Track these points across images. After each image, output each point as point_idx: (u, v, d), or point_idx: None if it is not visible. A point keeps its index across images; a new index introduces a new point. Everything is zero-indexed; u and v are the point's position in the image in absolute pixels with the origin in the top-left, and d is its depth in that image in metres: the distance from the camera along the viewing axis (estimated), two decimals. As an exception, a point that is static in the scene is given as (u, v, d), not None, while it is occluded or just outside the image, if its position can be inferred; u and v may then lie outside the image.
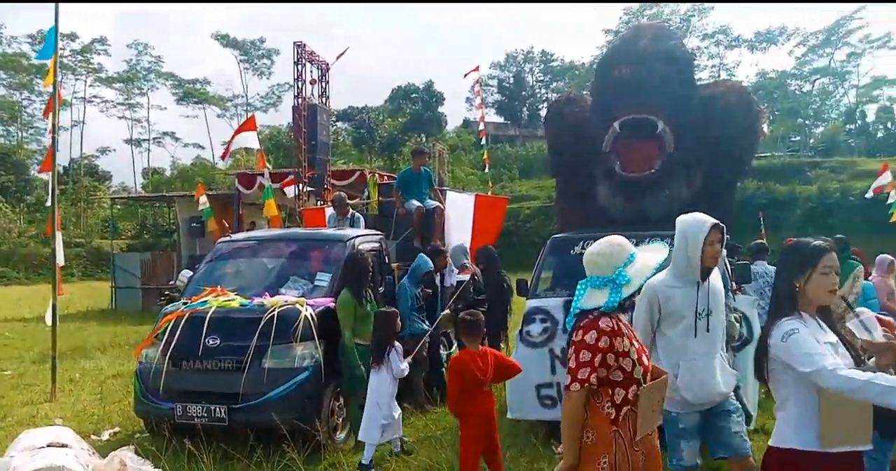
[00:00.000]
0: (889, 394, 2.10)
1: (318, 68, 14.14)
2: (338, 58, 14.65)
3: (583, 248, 4.06)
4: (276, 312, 5.16)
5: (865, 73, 48.96)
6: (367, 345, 5.14)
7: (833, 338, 2.42)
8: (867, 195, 16.95)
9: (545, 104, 49.84)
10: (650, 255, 2.68)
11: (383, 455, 5.08)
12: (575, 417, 2.50)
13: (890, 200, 15.86)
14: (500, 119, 57.65)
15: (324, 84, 14.29)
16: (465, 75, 17.19)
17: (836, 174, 36.66)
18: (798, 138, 50.37)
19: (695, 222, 3.38)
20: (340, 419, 5.51)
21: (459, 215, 8.60)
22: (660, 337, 3.42)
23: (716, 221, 3.40)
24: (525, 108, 57.15)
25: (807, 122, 49.49)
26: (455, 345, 6.88)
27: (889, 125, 52.04)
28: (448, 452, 4.88)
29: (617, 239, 2.69)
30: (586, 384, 2.46)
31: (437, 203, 8.06)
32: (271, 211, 12.01)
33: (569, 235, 6.14)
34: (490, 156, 24.90)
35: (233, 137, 11.73)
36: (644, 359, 2.60)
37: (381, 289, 6.20)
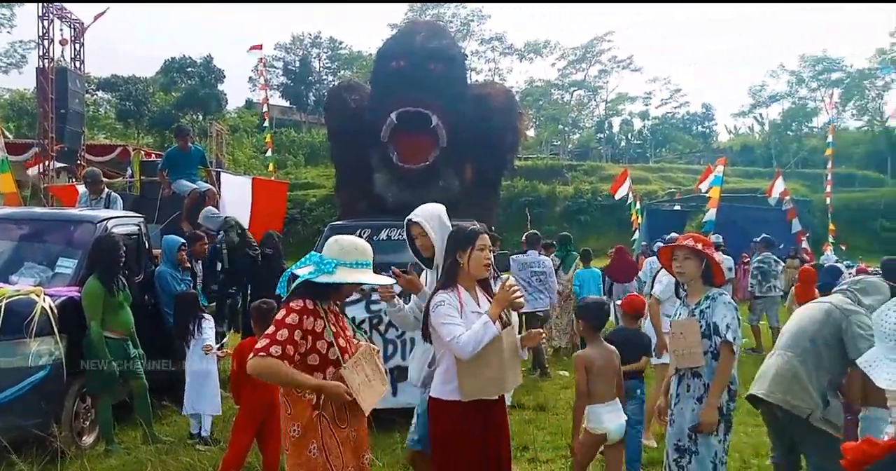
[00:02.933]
0: (485, 329, 2.69)
1: (70, 27, 12.42)
2: (96, 18, 13.05)
3: (359, 235, 4.12)
4: (2, 304, 4.45)
5: (612, 89, 56.17)
6: (120, 338, 4.80)
7: (484, 308, 2.86)
8: (617, 197, 19.53)
9: (332, 91, 49.20)
10: (370, 277, 2.75)
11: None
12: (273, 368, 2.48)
13: (629, 202, 18.54)
14: (286, 103, 55.89)
15: (77, 46, 12.60)
16: (249, 50, 16.47)
17: (588, 176, 41.56)
18: (559, 143, 56.29)
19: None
20: (88, 422, 4.96)
21: (236, 199, 8.17)
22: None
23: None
24: (311, 94, 56.00)
25: (566, 128, 55.39)
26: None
27: (629, 137, 60.53)
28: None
29: (363, 245, 2.79)
30: (271, 351, 2.46)
31: (210, 186, 7.58)
32: (6, 187, 10.29)
33: (347, 222, 6.18)
34: (273, 140, 24.05)
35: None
36: (342, 342, 2.68)
37: (139, 278, 5.66)
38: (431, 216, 3.39)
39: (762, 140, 53.49)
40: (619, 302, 6.21)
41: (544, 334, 3.21)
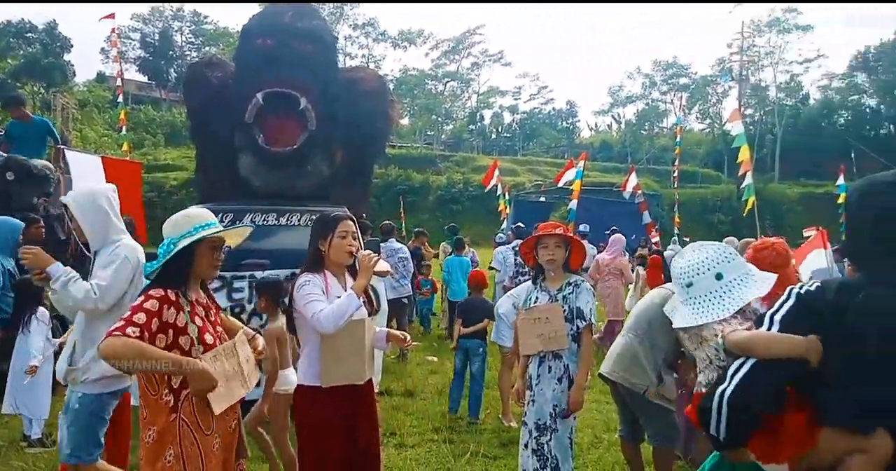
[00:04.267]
0: (348, 301, 2.71)
1: None
2: None
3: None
4: None
5: (484, 82, 57.54)
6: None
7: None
8: (488, 188, 20.03)
9: (196, 69, 46.40)
10: (213, 229, 2.50)
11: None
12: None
13: (498, 193, 19.13)
14: (143, 78, 51.93)
15: None
16: (100, 19, 15.03)
17: (460, 167, 42.38)
18: (433, 133, 56.85)
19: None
20: None
21: (85, 179, 7.44)
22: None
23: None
24: (172, 70, 52.48)
25: (440, 119, 56.03)
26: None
27: (500, 129, 62.42)
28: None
29: (194, 211, 2.64)
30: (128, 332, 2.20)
31: (47, 162, 6.85)
32: None
33: (208, 206, 5.82)
34: (129, 117, 22.25)
35: None
36: (210, 338, 2.46)
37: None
38: (81, 199, 3.19)
39: (619, 138, 57.29)
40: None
41: (410, 342, 3.20)
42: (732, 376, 1.68)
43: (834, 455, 1.63)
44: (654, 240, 13.58)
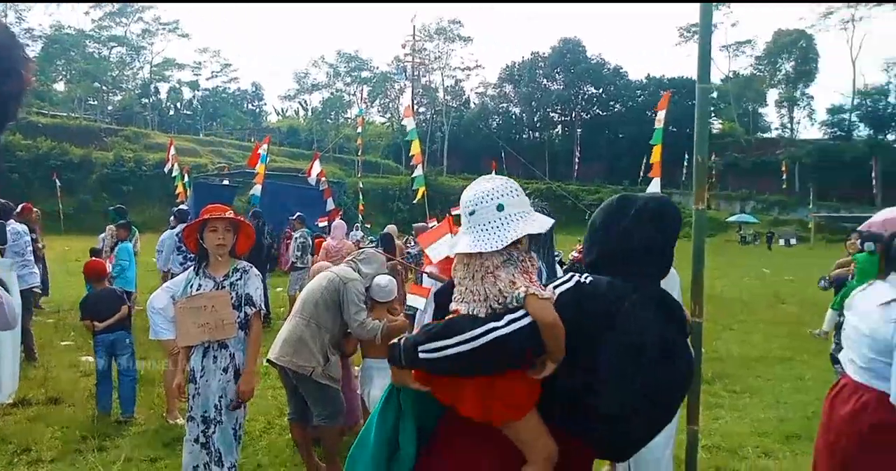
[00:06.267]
0: None
1: None
2: None
3: None
4: None
5: (159, 52, 52.51)
6: None
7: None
8: (165, 169, 18.26)
9: None
10: None
11: None
12: None
13: (175, 174, 17.61)
14: None
15: None
16: None
17: (131, 143, 38.09)
18: (96, 103, 49.91)
19: None
20: None
21: None
22: None
23: None
24: None
25: (105, 88, 49.48)
26: None
27: (179, 106, 57.65)
28: None
29: None
30: None
31: None
32: None
33: None
34: None
35: None
36: None
37: None
38: None
39: (307, 124, 57.77)
40: None
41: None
42: (510, 321, 1.65)
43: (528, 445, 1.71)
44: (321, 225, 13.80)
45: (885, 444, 2.18)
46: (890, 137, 51.97)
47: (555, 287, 1.76)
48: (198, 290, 3.30)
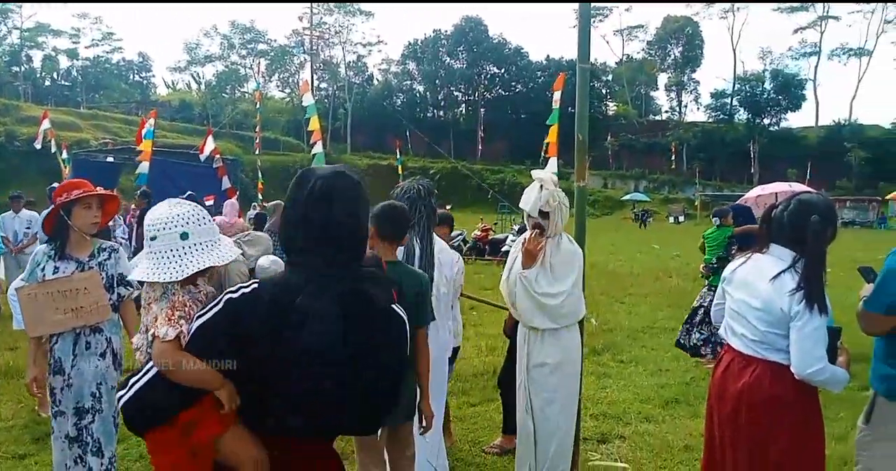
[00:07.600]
0: None
1: None
2: None
3: None
4: None
5: (29, 16, 48.08)
6: None
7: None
8: (36, 144, 16.78)
9: None
10: None
11: None
12: None
13: (54, 150, 16.24)
14: None
15: None
16: None
17: (2, 117, 34.87)
18: (-43, 70, 45.14)
19: None
20: None
21: None
22: None
23: None
24: None
25: (-33, 53, 44.83)
26: None
27: (56, 76, 53.15)
28: None
29: None
30: None
31: None
32: None
33: None
34: None
35: None
36: None
37: None
38: None
39: (200, 98, 54.90)
40: None
41: None
42: (133, 384, 1.63)
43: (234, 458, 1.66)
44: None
45: (787, 420, 2.25)
46: (766, 120, 56.14)
47: (200, 315, 1.64)
48: (54, 273, 3.04)
